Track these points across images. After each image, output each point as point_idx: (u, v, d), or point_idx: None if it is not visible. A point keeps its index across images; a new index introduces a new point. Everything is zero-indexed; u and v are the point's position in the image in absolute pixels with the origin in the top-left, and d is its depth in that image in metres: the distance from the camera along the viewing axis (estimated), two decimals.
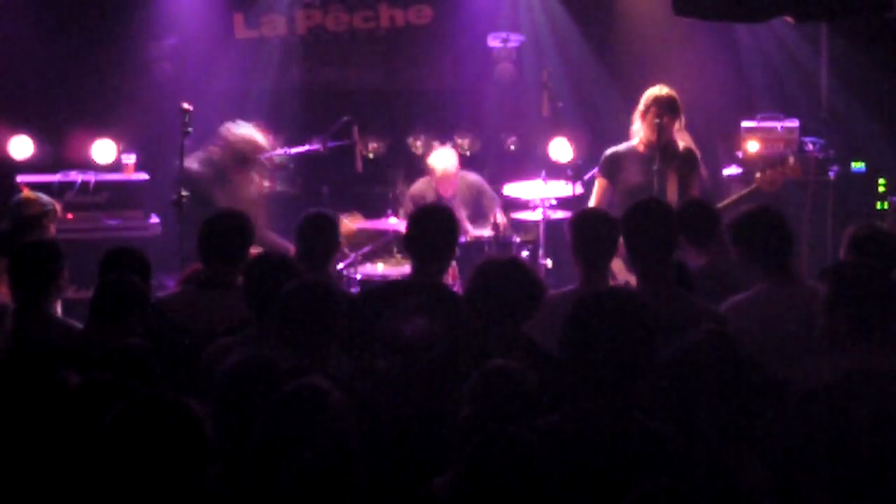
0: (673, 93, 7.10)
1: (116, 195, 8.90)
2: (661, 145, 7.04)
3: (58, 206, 7.40)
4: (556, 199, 8.48)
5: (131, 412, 3.10)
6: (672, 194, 6.97)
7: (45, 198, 7.29)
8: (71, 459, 3.66)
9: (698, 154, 7.29)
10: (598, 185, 7.29)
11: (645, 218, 5.11)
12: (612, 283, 6.85)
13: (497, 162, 10.03)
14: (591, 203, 7.26)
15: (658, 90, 7.11)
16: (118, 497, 3.06)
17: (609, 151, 7.25)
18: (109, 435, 3.09)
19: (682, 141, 7.18)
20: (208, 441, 3.15)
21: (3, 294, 5.59)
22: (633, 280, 5.30)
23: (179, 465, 3.07)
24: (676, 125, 7.13)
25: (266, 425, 3.27)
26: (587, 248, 5.23)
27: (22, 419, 3.97)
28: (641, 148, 7.13)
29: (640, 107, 7.14)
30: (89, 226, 8.68)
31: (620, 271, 6.65)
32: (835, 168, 9.12)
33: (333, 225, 5.87)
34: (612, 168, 7.18)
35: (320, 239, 5.79)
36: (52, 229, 7.17)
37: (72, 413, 3.68)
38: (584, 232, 5.27)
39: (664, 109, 7.05)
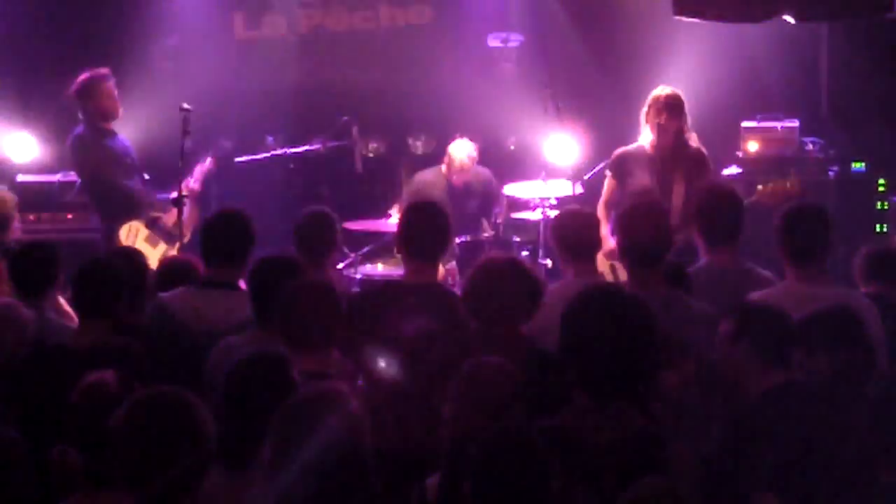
0: (675, 93, 7.04)
1: None
2: (667, 146, 7.00)
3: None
4: (556, 199, 8.48)
5: (141, 409, 3.12)
6: (678, 196, 6.91)
7: (7, 190, 7.30)
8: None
9: (707, 155, 7.21)
10: (608, 185, 7.27)
11: (638, 220, 5.11)
12: (611, 279, 6.89)
13: (497, 162, 10.03)
14: (601, 202, 7.26)
15: (660, 90, 7.07)
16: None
17: (618, 151, 7.23)
18: (117, 431, 3.10)
19: (694, 142, 7.13)
20: (212, 440, 3.16)
21: (3, 292, 5.57)
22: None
23: (185, 463, 3.08)
24: (681, 125, 7.06)
25: (281, 426, 3.27)
26: (569, 244, 5.46)
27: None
28: (649, 149, 7.09)
29: (644, 107, 7.12)
30: (89, 226, 8.67)
31: (622, 270, 6.65)
32: (835, 168, 9.12)
33: (333, 223, 5.86)
34: (620, 168, 7.16)
35: (319, 238, 5.78)
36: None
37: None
38: (564, 231, 5.53)
39: (663, 109, 7.02)
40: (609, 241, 7.00)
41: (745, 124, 9.23)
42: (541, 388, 4.04)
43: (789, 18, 7.69)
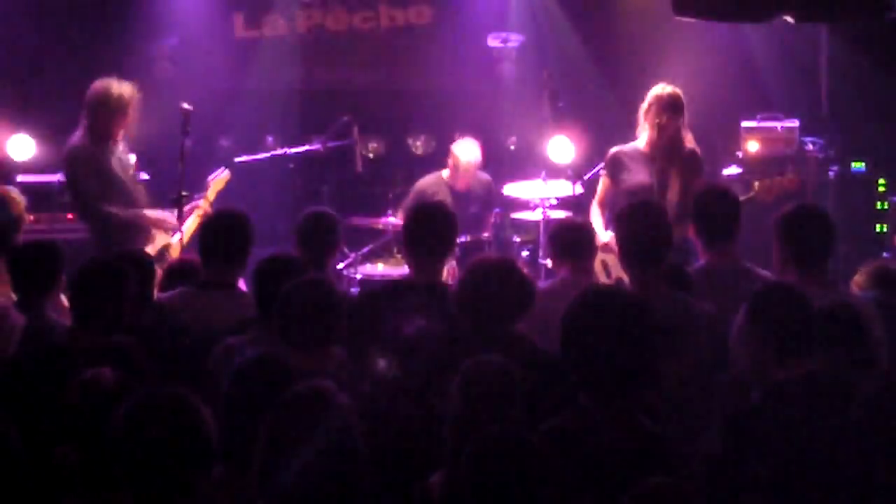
0: (675, 91, 7.01)
1: None
2: (664, 145, 7.00)
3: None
4: (557, 199, 8.48)
5: (141, 409, 3.11)
6: (673, 195, 6.91)
7: (17, 192, 7.26)
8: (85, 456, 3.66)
9: (701, 156, 7.22)
10: (603, 184, 7.26)
11: (638, 220, 5.12)
12: (605, 279, 6.90)
13: (497, 162, 10.03)
14: (595, 201, 7.25)
15: (660, 89, 7.05)
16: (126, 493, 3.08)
17: (613, 150, 7.21)
18: (116, 432, 3.10)
19: (689, 142, 7.13)
20: (212, 441, 3.16)
21: (2, 293, 5.57)
22: (625, 276, 5.31)
23: (184, 464, 3.08)
24: (680, 125, 7.05)
25: (271, 427, 3.27)
26: (561, 245, 5.70)
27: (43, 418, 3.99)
28: (645, 147, 7.08)
29: (644, 105, 7.11)
30: None
31: (615, 266, 6.65)
32: (835, 168, 9.12)
33: (334, 223, 5.87)
34: (616, 167, 7.13)
35: (321, 238, 5.78)
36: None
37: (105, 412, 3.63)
38: (557, 233, 5.83)
39: (663, 108, 7.00)
40: (601, 237, 7.00)
41: (745, 124, 9.23)
42: (538, 386, 4.04)
43: (789, 19, 7.68)
